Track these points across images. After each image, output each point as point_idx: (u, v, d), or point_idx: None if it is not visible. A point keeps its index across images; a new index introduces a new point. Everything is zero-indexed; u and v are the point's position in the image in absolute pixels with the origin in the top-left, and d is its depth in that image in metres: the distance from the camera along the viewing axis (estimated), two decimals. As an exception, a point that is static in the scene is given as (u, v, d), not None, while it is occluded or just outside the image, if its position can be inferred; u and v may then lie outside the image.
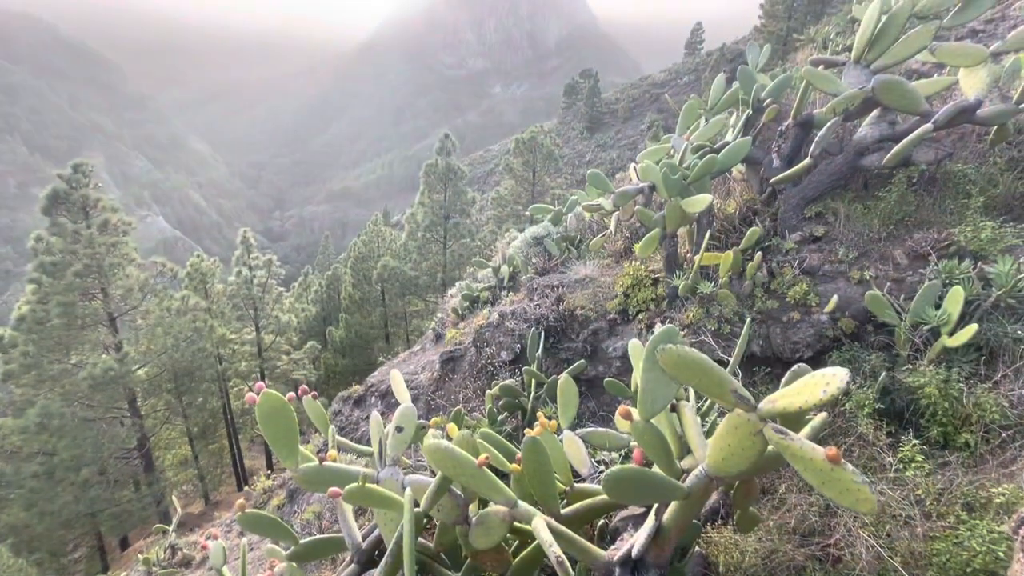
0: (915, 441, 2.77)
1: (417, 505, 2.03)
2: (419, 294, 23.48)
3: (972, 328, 2.83)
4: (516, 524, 2.07)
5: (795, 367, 1.86)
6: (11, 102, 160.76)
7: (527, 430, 2.34)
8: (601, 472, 3.17)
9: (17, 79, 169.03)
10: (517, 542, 2.43)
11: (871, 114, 3.74)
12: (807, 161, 3.68)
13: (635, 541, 1.92)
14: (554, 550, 1.68)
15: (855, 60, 3.69)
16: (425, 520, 2.66)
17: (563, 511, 2.22)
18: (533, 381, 4.52)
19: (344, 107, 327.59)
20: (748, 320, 2.67)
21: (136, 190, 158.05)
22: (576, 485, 2.43)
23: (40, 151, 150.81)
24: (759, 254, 3.92)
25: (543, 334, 4.92)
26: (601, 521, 2.66)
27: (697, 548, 2.71)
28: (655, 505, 2.01)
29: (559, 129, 64.69)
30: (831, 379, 1.31)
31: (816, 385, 1.34)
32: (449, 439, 2.41)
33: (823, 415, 1.89)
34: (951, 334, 3.00)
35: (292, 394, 2.43)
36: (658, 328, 1.84)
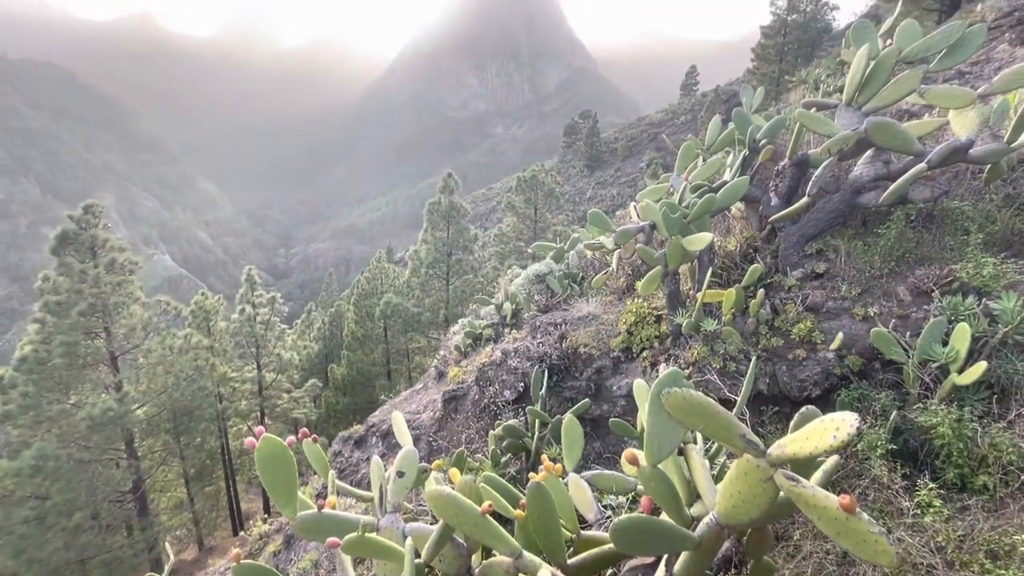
0: (932, 485, 2.68)
1: (418, 556, 1.96)
2: (422, 331, 23.43)
3: (981, 366, 2.79)
4: (521, 576, 2.00)
5: (803, 409, 1.83)
6: (27, 145, 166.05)
7: (531, 474, 2.28)
8: (608, 518, 3.07)
9: (35, 123, 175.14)
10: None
11: (865, 154, 3.82)
12: (805, 200, 3.74)
13: (645, 594, 1.84)
14: (561, 605, 1.61)
15: (846, 103, 3.80)
16: (427, 570, 2.56)
17: (570, 561, 2.14)
18: (537, 421, 4.44)
19: (351, 147, 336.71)
20: (754, 359, 2.65)
21: (144, 229, 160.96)
22: (583, 533, 2.35)
23: (53, 192, 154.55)
24: (761, 291, 3.92)
25: (547, 372, 4.87)
26: (609, 571, 2.56)
27: (710, 600, 2.59)
28: (665, 555, 1.93)
29: (560, 167, 66.13)
30: (840, 424, 1.28)
31: (826, 430, 1.32)
32: (452, 484, 2.35)
33: (835, 458, 1.84)
34: (960, 372, 2.96)
35: (292, 438, 2.39)
36: (663, 369, 1.83)
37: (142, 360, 16.46)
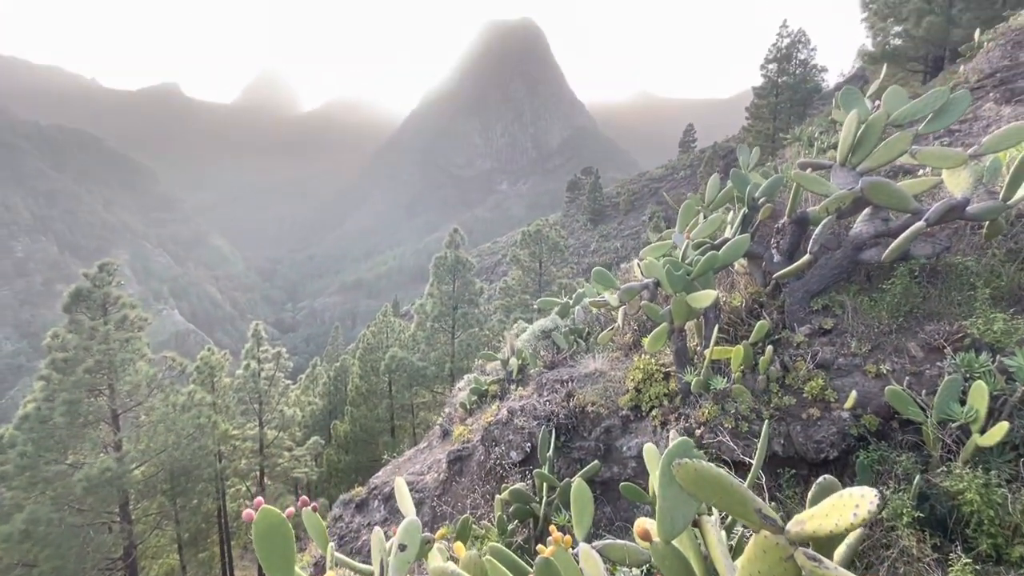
0: (966, 559, 2.53)
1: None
2: (427, 385, 23.12)
3: (1004, 426, 2.70)
4: (530, 664, 1.86)
5: (821, 480, 1.76)
6: (50, 205, 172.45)
7: (539, 547, 2.18)
8: (622, 594, 2.89)
9: (59, 185, 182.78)
10: None
11: (864, 212, 3.89)
12: (807, 257, 3.77)
13: None
14: None
15: (840, 163, 3.92)
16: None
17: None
18: (545, 485, 4.29)
19: (359, 204, 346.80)
20: (766, 423, 2.58)
21: (156, 285, 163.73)
22: (595, 613, 2.20)
23: (70, 249, 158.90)
24: (770, 348, 3.88)
25: (554, 432, 4.75)
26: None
27: None
28: (684, 640, 1.80)
29: (564, 221, 67.48)
30: (860, 500, 1.23)
31: (845, 507, 1.27)
32: (455, 559, 2.24)
33: (858, 530, 1.75)
34: (982, 432, 2.86)
35: (291, 509, 2.31)
36: (673, 435, 1.78)
37: (144, 418, 16.23)
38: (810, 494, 1.70)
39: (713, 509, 2.38)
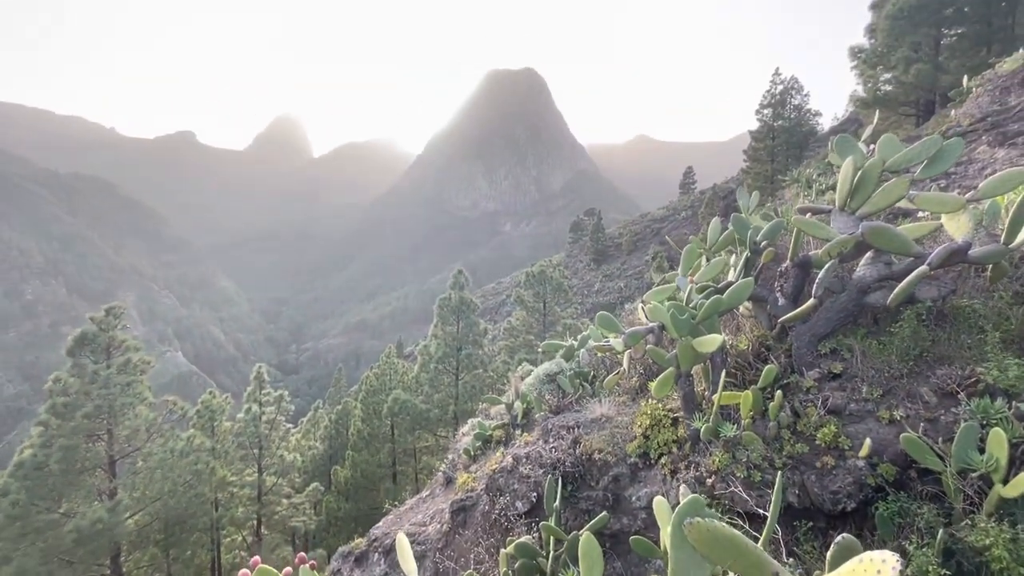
0: (998, 622, 2.38)
1: None
2: (430, 428, 22.67)
3: (1026, 477, 2.61)
4: None
5: (839, 539, 1.69)
6: (63, 249, 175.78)
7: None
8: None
9: (73, 230, 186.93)
10: None
11: (866, 255, 3.91)
12: (812, 301, 3.77)
13: None
14: None
15: (839, 208, 3.98)
16: None
17: None
18: (552, 539, 4.12)
19: (365, 246, 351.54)
20: (780, 472, 2.51)
21: (161, 326, 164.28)
22: None
23: (78, 291, 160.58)
24: (780, 393, 3.81)
25: (560, 481, 4.61)
26: None
27: None
28: None
29: (567, 261, 67.99)
30: (882, 566, 1.18)
31: (866, 572, 1.21)
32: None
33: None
34: (1004, 482, 2.76)
35: (289, 569, 2.23)
36: (684, 490, 1.73)
37: (141, 464, 15.89)
38: (829, 555, 1.63)
39: (728, 572, 2.28)
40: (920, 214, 5.26)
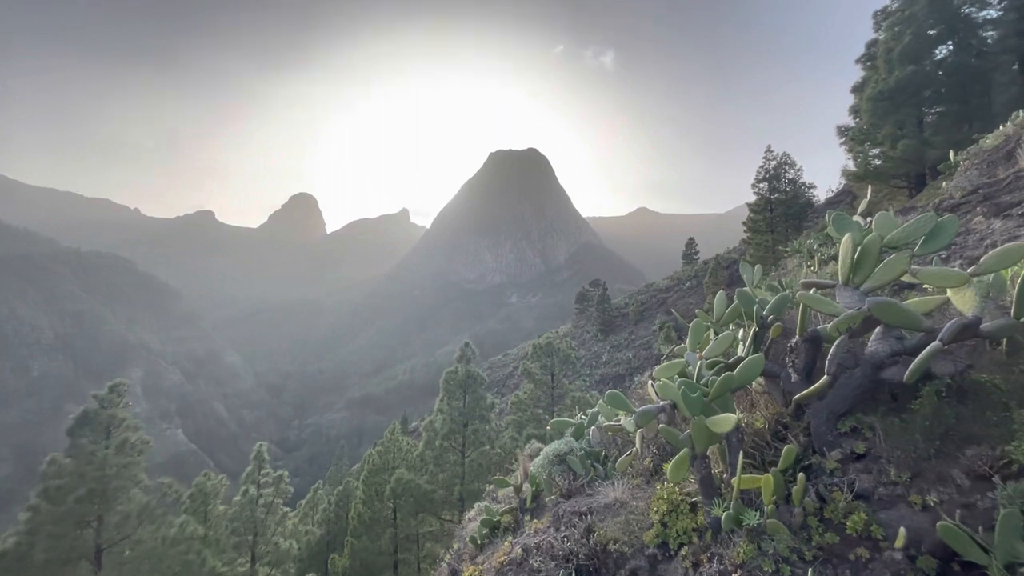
0: None
1: None
2: (434, 511, 21.50)
3: (1081, 573, 2.40)
4: None
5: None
6: (75, 325, 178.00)
7: None
8: None
9: (86, 306, 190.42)
10: None
11: (876, 330, 3.88)
12: (826, 378, 3.69)
13: None
14: None
15: (843, 283, 4.00)
16: None
17: None
18: (566, 644, 3.76)
19: (372, 319, 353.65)
20: (811, 570, 2.33)
21: (164, 402, 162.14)
22: None
23: (85, 367, 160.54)
24: (801, 475, 3.62)
25: (574, 576, 4.28)
26: None
27: None
28: None
29: (574, 332, 67.72)
30: None
31: None
32: None
33: None
34: (1058, 579, 2.53)
35: None
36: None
37: (128, 554, 15.01)
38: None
39: None
40: (925, 286, 5.28)
